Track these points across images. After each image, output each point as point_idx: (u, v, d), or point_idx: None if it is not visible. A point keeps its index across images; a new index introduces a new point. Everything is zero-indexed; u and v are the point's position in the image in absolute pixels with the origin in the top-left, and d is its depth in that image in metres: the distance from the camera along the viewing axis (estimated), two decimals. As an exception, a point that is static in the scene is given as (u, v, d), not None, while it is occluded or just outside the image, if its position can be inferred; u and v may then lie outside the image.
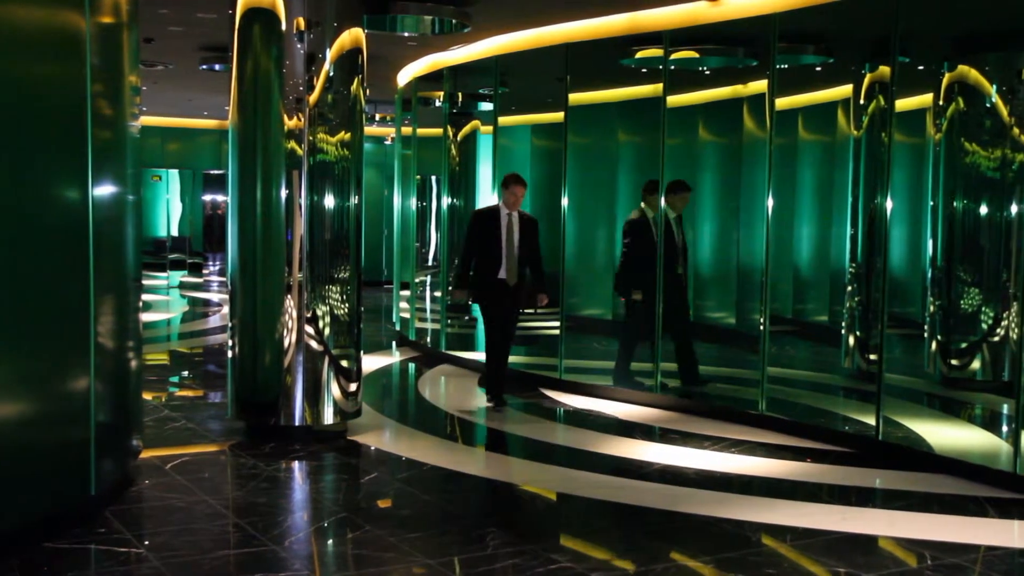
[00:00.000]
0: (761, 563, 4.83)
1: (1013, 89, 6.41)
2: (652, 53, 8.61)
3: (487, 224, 8.27)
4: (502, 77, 10.20)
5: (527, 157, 10.59)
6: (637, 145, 9.30)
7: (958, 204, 6.87)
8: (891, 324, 7.10)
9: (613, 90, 9.33)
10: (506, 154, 10.31)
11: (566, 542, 5.19)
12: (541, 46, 9.47)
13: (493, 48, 10.04)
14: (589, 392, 9.10)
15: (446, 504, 5.84)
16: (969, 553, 5.01)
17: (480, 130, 11.17)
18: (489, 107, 10.57)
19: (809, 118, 7.89)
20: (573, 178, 9.39)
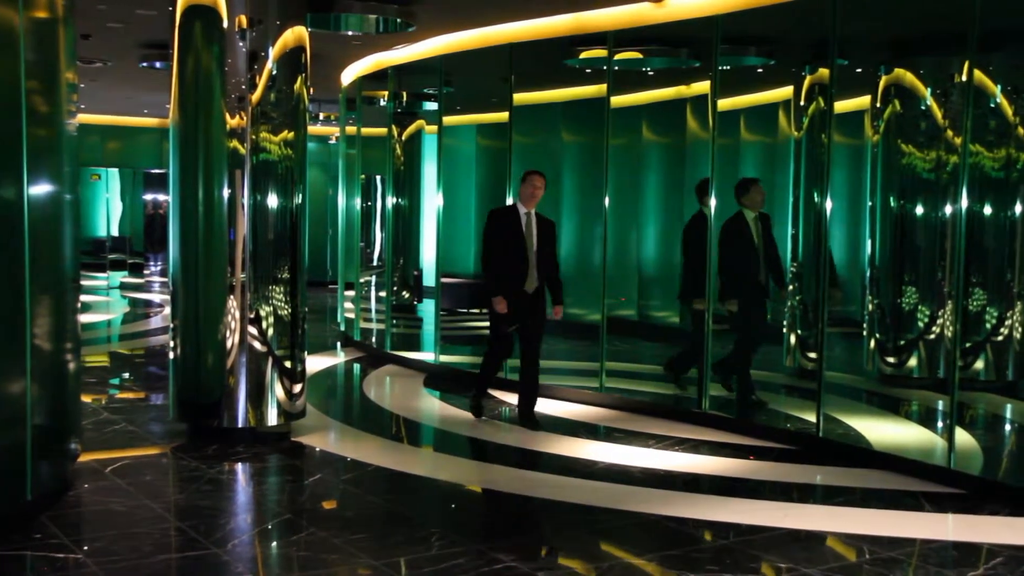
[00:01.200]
0: (704, 560, 4.87)
1: (946, 92, 6.54)
2: (596, 54, 8.64)
3: (507, 225, 7.55)
4: (447, 77, 10.18)
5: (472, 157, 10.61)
6: (582, 145, 9.35)
7: (895, 205, 6.99)
8: (831, 323, 7.20)
9: (558, 90, 9.36)
10: (451, 154, 10.30)
11: (512, 541, 5.19)
12: (486, 46, 9.47)
13: (438, 48, 10.02)
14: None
15: (391, 505, 5.82)
16: (905, 547, 5.10)
17: (425, 130, 11.16)
18: (434, 107, 10.55)
19: (751, 119, 7.99)
20: (518, 178, 9.39)
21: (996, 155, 6.43)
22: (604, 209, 8.60)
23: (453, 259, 10.76)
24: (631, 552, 5.00)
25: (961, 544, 5.22)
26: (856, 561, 4.92)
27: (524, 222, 7.55)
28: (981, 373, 6.87)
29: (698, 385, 7.96)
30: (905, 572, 4.77)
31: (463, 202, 11.04)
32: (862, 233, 7.24)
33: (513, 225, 7.52)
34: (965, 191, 6.19)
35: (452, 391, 9.23)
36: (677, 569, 4.75)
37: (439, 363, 10.21)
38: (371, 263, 14.86)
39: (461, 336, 11.44)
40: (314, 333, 12.94)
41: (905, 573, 4.76)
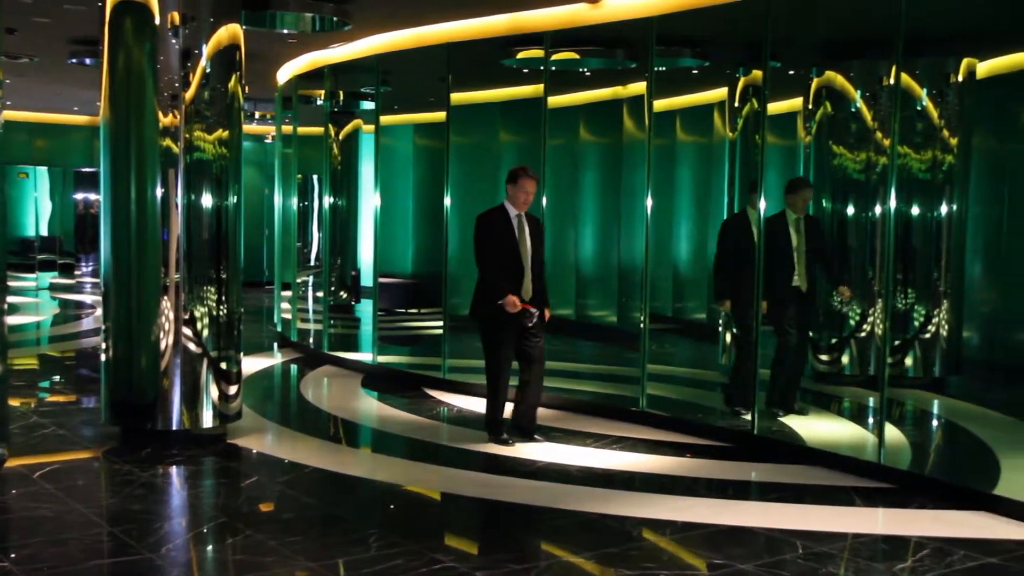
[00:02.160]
0: (642, 557, 4.91)
1: (876, 95, 6.67)
2: (533, 54, 8.67)
3: (500, 230, 6.93)
4: (384, 76, 10.14)
5: (410, 156, 10.58)
6: (519, 145, 9.38)
7: (827, 205, 7.12)
8: (765, 322, 7.31)
9: (495, 90, 9.38)
10: (388, 153, 10.27)
11: (450, 541, 5.19)
12: (423, 45, 9.45)
13: (374, 47, 9.98)
14: (472, 391, 9.11)
15: (329, 506, 5.78)
16: (837, 541, 5.19)
17: (362, 129, 11.11)
18: (371, 106, 10.50)
19: (687, 120, 8.08)
20: (456, 178, 9.40)
21: (923, 157, 6.59)
22: (542, 209, 8.63)
23: (391, 259, 10.73)
24: (569, 550, 5.03)
25: (890, 537, 5.33)
26: (789, 556, 4.99)
27: (516, 225, 6.96)
28: (910, 370, 7.04)
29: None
30: (837, 566, 4.85)
31: (401, 202, 10.99)
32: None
33: (504, 229, 6.94)
34: (894, 192, 6.32)
35: (390, 391, 9.21)
36: (615, 567, 4.78)
37: (377, 363, 10.17)
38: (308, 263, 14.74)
39: (399, 336, 11.41)
40: (250, 334, 12.79)
41: (837, 567, 4.84)
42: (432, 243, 9.46)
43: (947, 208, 6.61)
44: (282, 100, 12.98)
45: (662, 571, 4.72)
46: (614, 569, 4.75)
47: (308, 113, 12.00)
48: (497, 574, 4.67)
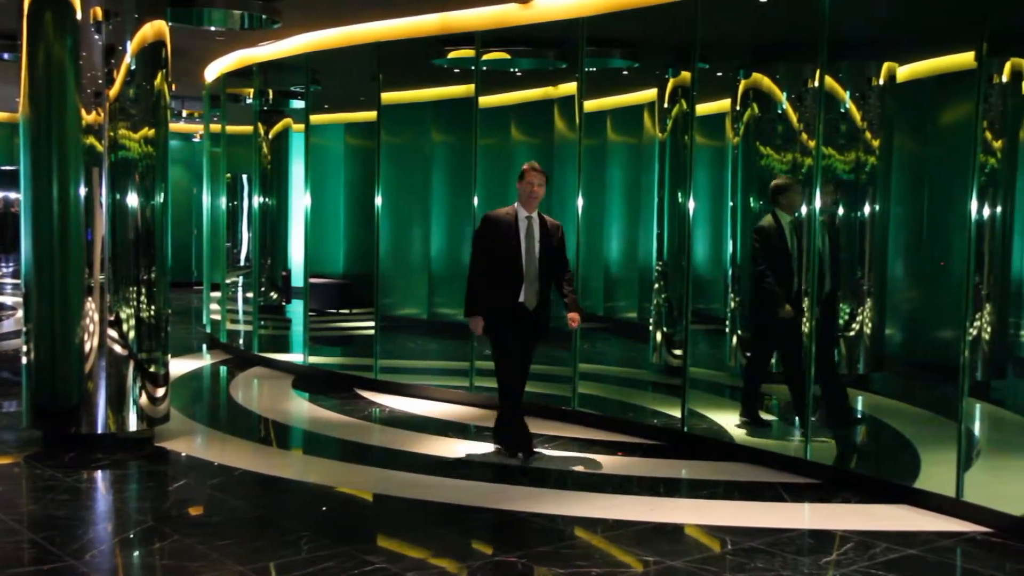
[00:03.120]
0: (573, 556, 4.93)
1: (801, 97, 6.78)
2: (464, 54, 8.67)
3: (501, 232, 6.53)
4: (314, 75, 10.06)
5: (341, 156, 10.52)
6: (450, 145, 9.38)
7: (755, 205, 7.21)
8: (695, 320, 7.39)
9: (426, 90, 9.36)
10: (319, 153, 10.20)
11: (382, 543, 5.16)
12: (353, 44, 9.39)
13: (304, 45, 9.89)
14: (405, 392, 9.09)
15: (259, 509, 5.72)
16: (765, 536, 5.26)
17: (292, 128, 11.01)
18: (301, 105, 10.41)
19: (617, 120, 8.14)
20: (387, 177, 9.37)
21: (847, 158, 6.71)
22: (474, 209, 8.63)
23: (322, 259, 10.66)
24: (501, 550, 5.04)
25: (816, 532, 5.42)
26: (719, 552, 5.05)
27: (524, 228, 6.49)
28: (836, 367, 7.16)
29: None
30: (765, 561, 4.92)
31: (332, 202, 10.94)
32: (724, 232, 7.44)
33: (508, 231, 6.49)
34: (819, 192, 6.43)
35: (321, 393, 9.14)
36: (547, 566, 4.79)
37: (308, 365, 10.08)
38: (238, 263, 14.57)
39: (330, 337, 11.32)
40: (179, 335, 12.63)
41: (765, 562, 4.91)
42: (364, 243, 9.42)
43: (870, 208, 6.74)
44: (210, 98, 12.81)
45: (593, 569, 4.75)
46: (546, 568, 4.77)
47: (237, 111, 11.86)
48: (429, 575, 4.66)
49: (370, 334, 9.53)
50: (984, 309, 6.08)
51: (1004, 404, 6.33)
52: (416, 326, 9.77)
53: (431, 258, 9.34)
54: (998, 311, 6.19)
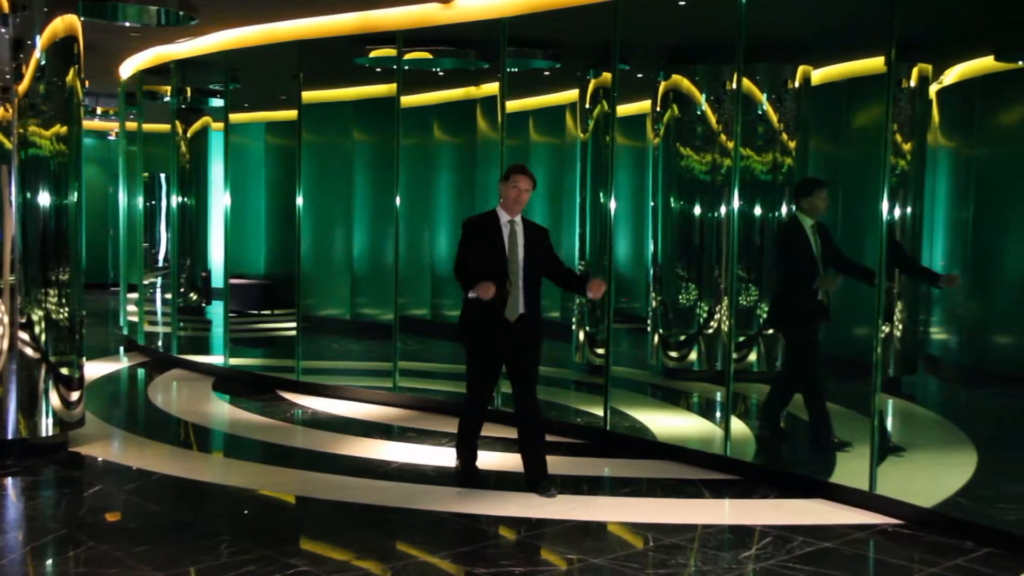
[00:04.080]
0: (498, 555, 4.94)
1: (720, 99, 6.89)
2: (385, 53, 8.64)
3: (483, 238, 6.04)
4: (233, 73, 9.93)
5: (261, 155, 10.40)
6: (373, 144, 9.33)
7: (675, 205, 7.31)
8: (617, 319, 7.46)
9: (348, 89, 9.30)
10: (239, 152, 10.07)
11: (305, 545, 5.12)
12: (273, 42, 9.29)
13: (223, 42, 9.75)
14: (327, 393, 9.03)
15: (178, 514, 5.63)
16: (686, 533, 5.33)
17: (211, 127, 10.85)
18: (220, 103, 10.27)
19: (539, 120, 8.18)
20: (308, 177, 9.29)
21: (764, 159, 6.83)
22: (395, 209, 8.60)
23: (243, 260, 10.52)
24: (425, 551, 5.03)
25: (736, 527, 5.51)
26: (641, 549, 5.11)
27: (507, 233, 6.02)
28: (754, 365, 7.29)
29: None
30: (686, 557, 4.99)
31: (252, 201, 10.80)
32: (645, 232, 7.52)
33: (491, 237, 6.02)
34: (737, 192, 6.53)
35: (242, 395, 9.04)
36: (470, 566, 4.80)
37: (229, 366, 9.96)
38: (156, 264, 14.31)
39: (251, 338, 11.19)
40: (95, 338, 12.38)
41: (686, 558, 4.98)
42: (285, 243, 9.32)
43: (787, 208, 6.86)
44: (126, 96, 12.57)
45: (517, 568, 4.76)
46: (470, 568, 4.78)
47: (154, 109, 11.64)
48: (352, 577, 4.65)
49: (292, 335, 9.45)
50: (896, 307, 6.24)
51: (915, 399, 6.49)
52: (339, 327, 9.70)
53: (353, 258, 9.29)
54: (909, 309, 6.34)
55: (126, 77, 12.11)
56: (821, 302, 6.50)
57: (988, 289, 5.92)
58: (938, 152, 6.15)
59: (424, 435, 7.55)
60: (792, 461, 6.83)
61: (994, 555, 5.05)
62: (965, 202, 6.23)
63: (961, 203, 6.27)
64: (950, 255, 6.12)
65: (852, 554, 5.08)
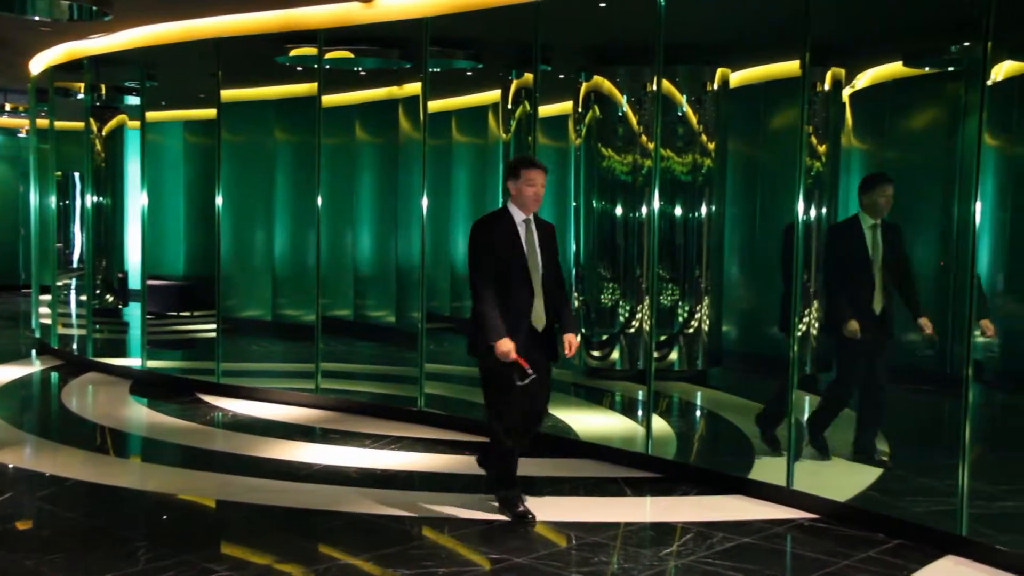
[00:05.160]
0: (421, 556, 4.96)
1: (640, 100, 6.99)
2: (307, 52, 8.59)
3: (502, 241, 5.33)
4: (150, 70, 9.78)
5: (180, 154, 10.27)
6: (294, 144, 9.27)
7: (597, 205, 7.39)
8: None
9: (269, 88, 9.22)
10: (156, 150, 9.93)
11: (226, 550, 5.09)
12: (192, 39, 9.17)
13: (139, 39, 9.59)
14: (248, 395, 8.95)
15: (93, 521, 5.55)
16: (609, 530, 5.40)
17: (128, 125, 10.68)
18: (137, 101, 10.11)
19: (462, 120, 8.20)
20: (228, 177, 9.20)
21: (684, 160, 6.95)
22: (317, 209, 8.57)
23: (161, 260, 10.37)
24: (348, 553, 5.03)
25: (658, 524, 5.61)
26: (565, 547, 5.16)
27: (523, 233, 5.39)
28: (675, 364, 7.41)
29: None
30: (608, 555, 5.06)
31: (171, 201, 10.65)
32: (568, 232, 7.59)
33: (510, 239, 5.34)
34: (657, 193, 6.64)
35: (161, 398, 8.92)
36: (394, 567, 4.82)
37: (146, 369, 9.82)
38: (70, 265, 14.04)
39: (170, 340, 11.04)
40: (5, 341, 12.11)
41: (608, 555, 5.05)
42: (205, 243, 9.22)
43: (706, 209, 7.00)
44: (36, 92, 12.29)
45: (440, 569, 4.79)
46: (393, 569, 4.79)
47: (67, 107, 11.41)
48: (274, 581, 4.64)
49: (212, 337, 9.35)
50: (812, 305, 6.39)
51: (831, 396, 6.66)
52: (260, 328, 9.62)
53: (275, 258, 9.22)
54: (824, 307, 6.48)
55: (36, 73, 11.84)
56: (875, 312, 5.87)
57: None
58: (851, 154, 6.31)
59: (347, 436, 7.53)
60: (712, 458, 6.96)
61: (904, 546, 5.21)
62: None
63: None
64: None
65: (770, 548, 5.19)
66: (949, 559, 5.06)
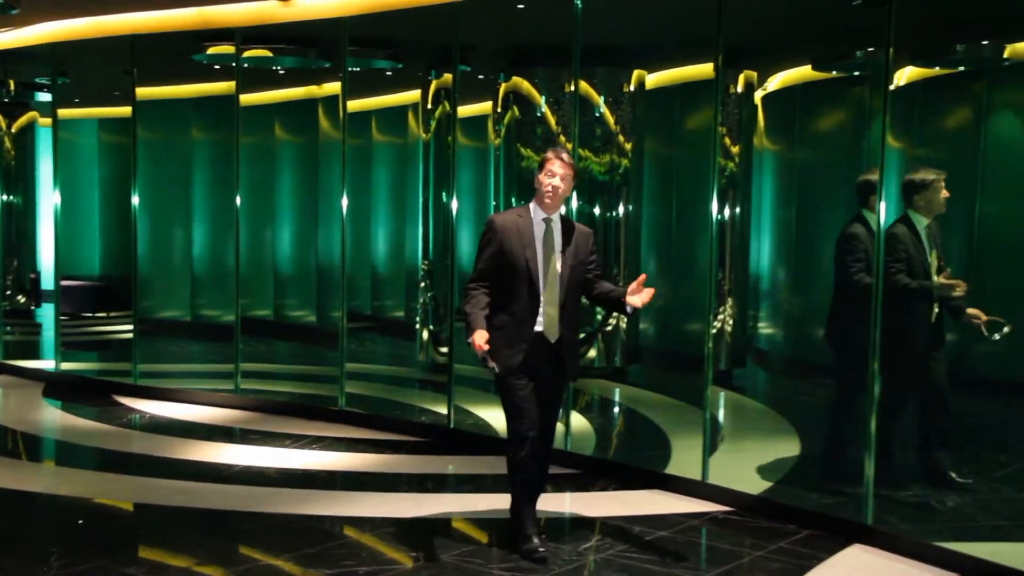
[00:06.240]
0: (342, 556, 4.97)
1: (558, 101, 7.07)
2: (224, 50, 8.51)
3: (512, 240, 4.85)
4: (62, 66, 9.58)
5: (95, 152, 10.08)
6: (212, 143, 9.17)
7: (516, 204, 7.46)
8: (460, 318, 7.56)
9: (186, 86, 9.12)
10: (70, 149, 9.74)
11: (144, 554, 5.05)
12: (105, 35, 9.02)
13: (49, 34, 9.40)
14: (167, 396, 8.85)
15: (3, 527, 5.45)
16: (529, 526, 5.47)
17: (39, 122, 10.46)
18: (48, 98, 9.90)
19: (382, 120, 8.20)
20: (145, 175, 9.08)
21: (602, 160, 7.04)
22: (236, 208, 8.51)
23: (75, 260, 10.18)
24: (269, 554, 5.01)
25: (577, 519, 5.69)
26: (486, 544, 5.22)
27: (540, 234, 4.87)
28: (594, 361, 7.51)
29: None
30: (528, 550, 5.12)
31: (85, 200, 10.44)
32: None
33: (521, 239, 4.86)
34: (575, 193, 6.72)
35: (76, 400, 8.77)
36: (316, 567, 4.82)
37: (60, 371, 9.65)
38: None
39: (85, 342, 10.84)
40: (-87, 343, 11.77)
41: (528, 551, 5.11)
42: (121, 243, 9.09)
43: (623, 208, 7.10)
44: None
45: (362, 568, 4.81)
46: (314, 569, 4.79)
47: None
48: (193, 584, 4.61)
49: (129, 338, 9.23)
50: (726, 303, 6.53)
51: (744, 391, 6.80)
52: (179, 328, 9.50)
53: (193, 258, 9.11)
54: (739, 305, 6.64)
55: (-56, 68, 11.54)
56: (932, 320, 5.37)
57: (810, 285, 6.25)
58: (764, 155, 6.46)
59: (267, 437, 7.50)
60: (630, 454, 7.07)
61: (814, 536, 5.36)
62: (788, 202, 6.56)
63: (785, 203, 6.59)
64: (775, 253, 6.44)
65: (686, 541, 5.30)
66: (856, 547, 5.21)
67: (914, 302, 5.25)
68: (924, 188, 5.32)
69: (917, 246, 5.32)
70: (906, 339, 5.34)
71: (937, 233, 5.35)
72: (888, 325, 5.14)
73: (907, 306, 5.26)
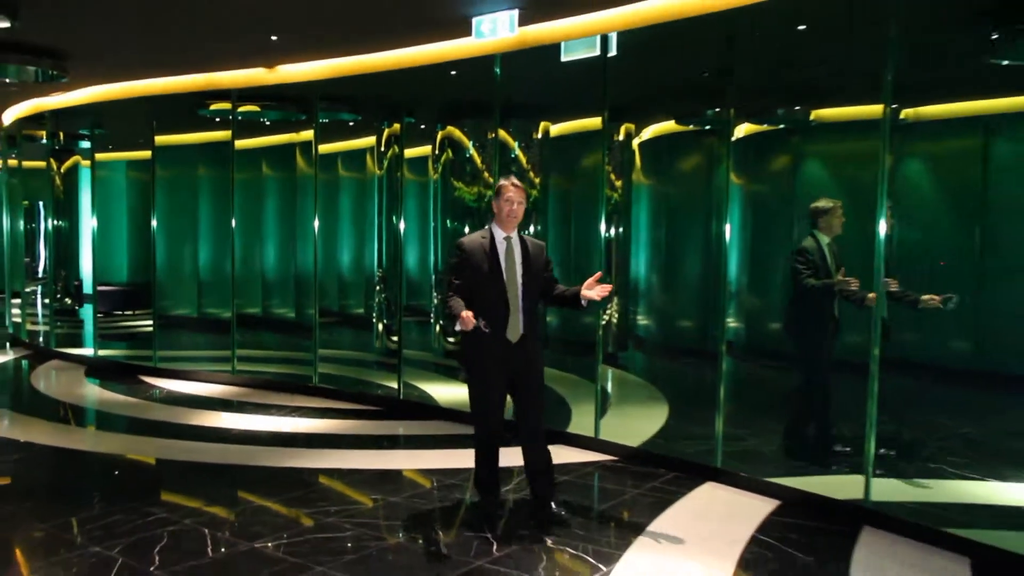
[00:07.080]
0: (317, 498, 5.03)
1: (484, 145, 7.11)
2: (222, 106, 8.47)
3: (477, 259, 4.56)
4: (99, 120, 9.47)
5: (124, 186, 9.94)
6: (213, 178, 9.08)
7: (450, 225, 7.50)
8: (407, 314, 7.59)
9: (193, 134, 9.03)
10: (105, 184, 9.63)
11: (164, 498, 5.04)
12: (131, 96, 8.94)
13: (90, 96, 9.30)
14: (180, 376, 8.79)
15: (56, 478, 5.43)
16: (463, 475, 5.54)
17: (81, 163, 10.29)
18: (88, 145, 9.76)
19: (346, 160, 8.18)
20: (161, 204, 9.01)
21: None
22: (231, 229, 8.46)
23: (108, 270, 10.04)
24: (261, 497, 5.04)
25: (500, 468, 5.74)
26: (428, 488, 5.28)
27: (503, 250, 4.58)
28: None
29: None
30: (462, 493, 5.19)
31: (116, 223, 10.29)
32: (429, 247, 7.67)
33: (487, 256, 4.57)
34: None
35: (110, 379, 8.68)
36: (296, 507, 4.86)
37: (98, 357, 9.52)
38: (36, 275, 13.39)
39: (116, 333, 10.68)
40: (-22, 336, 11.49)
41: (462, 493, 5.18)
42: (144, 256, 9.03)
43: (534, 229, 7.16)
44: (7, 138, 11.74)
45: (332, 507, 4.86)
46: (297, 509, 4.83)
47: (32, 149, 10.95)
48: (202, 520, 4.61)
49: (150, 330, 9.11)
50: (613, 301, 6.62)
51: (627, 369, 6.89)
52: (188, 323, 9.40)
53: (199, 267, 9.06)
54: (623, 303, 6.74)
55: (8, 123, 11.32)
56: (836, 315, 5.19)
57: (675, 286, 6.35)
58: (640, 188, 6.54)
59: (258, 407, 7.48)
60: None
61: (679, 478, 5.50)
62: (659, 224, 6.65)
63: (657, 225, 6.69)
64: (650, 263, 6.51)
65: (582, 484, 5.41)
66: (709, 485, 5.36)
67: (822, 298, 5.18)
68: (826, 213, 5.21)
69: (822, 257, 5.22)
70: (813, 330, 5.30)
71: (836, 249, 5.21)
72: (801, 318, 5.24)
73: (816, 302, 5.21)
